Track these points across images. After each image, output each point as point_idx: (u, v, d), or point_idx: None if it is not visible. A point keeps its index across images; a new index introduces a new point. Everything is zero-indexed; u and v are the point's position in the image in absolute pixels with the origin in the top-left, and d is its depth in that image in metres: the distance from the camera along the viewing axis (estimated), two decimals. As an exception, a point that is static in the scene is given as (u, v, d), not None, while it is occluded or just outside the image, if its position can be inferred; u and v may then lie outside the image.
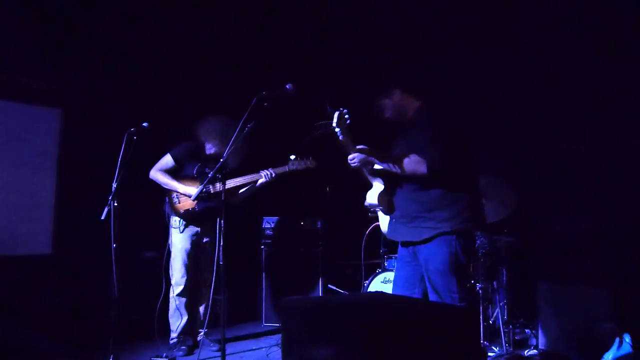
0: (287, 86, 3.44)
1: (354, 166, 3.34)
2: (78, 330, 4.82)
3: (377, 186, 3.53)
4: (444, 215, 3.19)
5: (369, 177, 3.55)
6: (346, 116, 3.16)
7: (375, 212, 3.75)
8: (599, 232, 4.50)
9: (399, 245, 3.52)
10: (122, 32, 5.65)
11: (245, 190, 4.73)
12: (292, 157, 4.46)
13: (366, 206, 3.65)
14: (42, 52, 5.37)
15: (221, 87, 5.94)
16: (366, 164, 3.35)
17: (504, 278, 4.72)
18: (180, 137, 4.80)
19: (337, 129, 3.18)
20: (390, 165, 3.26)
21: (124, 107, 5.47)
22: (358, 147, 3.26)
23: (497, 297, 4.68)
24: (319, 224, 5.72)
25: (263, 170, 4.53)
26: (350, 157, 3.32)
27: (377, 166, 3.39)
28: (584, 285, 4.10)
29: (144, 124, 4.16)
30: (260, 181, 4.58)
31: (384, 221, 3.60)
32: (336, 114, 3.15)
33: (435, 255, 3.20)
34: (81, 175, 5.40)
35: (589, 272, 4.20)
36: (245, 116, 3.38)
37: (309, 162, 4.50)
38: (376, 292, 4.68)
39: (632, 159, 4.38)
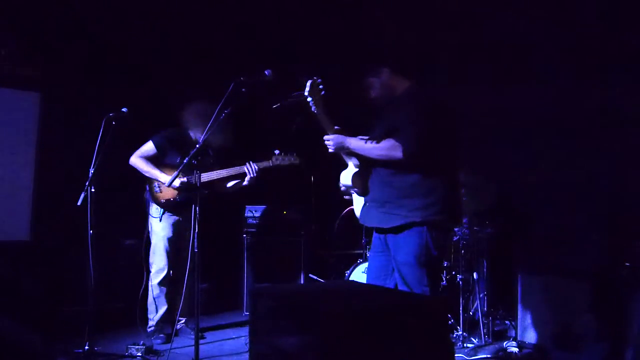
0: (266, 72, 3.36)
1: (330, 149, 3.26)
2: (56, 318, 4.78)
3: (352, 166, 3.42)
4: (416, 204, 3.07)
5: (344, 157, 3.43)
6: (320, 86, 3.01)
7: (350, 195, 3.64)
8: (579, 225, 4.50)
9: (374, 234, 3.42)
10: (102, 16, 5.56)
11: (234, 185, 4.62)
12: (277, 152, 4.35)
13: (340, 188, 3.55)
14: (20, 36, 5.28)
15: (203, 72, 5.86)
16: (342, 148, 3.25)
17: (485, 269, 4.72)
18: (160, 123, 4.73)
19: (309, 99, 3.04)
20: (366, 150, 3.15)
21: (104, 92, 5.39)
22: (336, 127, 3.17)
23: (477, 289, 4.69)
24: (302, 214, 5.69)
25: (246, 164, 4.41)
26: (326, 138, 3.22)
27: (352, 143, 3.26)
28: (564, 277, 4.11)
29: (123, 109, 4.10)
30: (246, 178, 4.45)
31: (358, 204, 3.50)
32: (309, 83, 3.01)
33: (404, 247, 3.10)
34: (60, 160, 5.33)
35: (569, 265, 4.19)
36: (222, 102, 3.31)
37: (292, 159, 4.35)
38: (347, 281, 4.65)
39: (615, 156, 4.37)
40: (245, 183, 4.51)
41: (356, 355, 1.86)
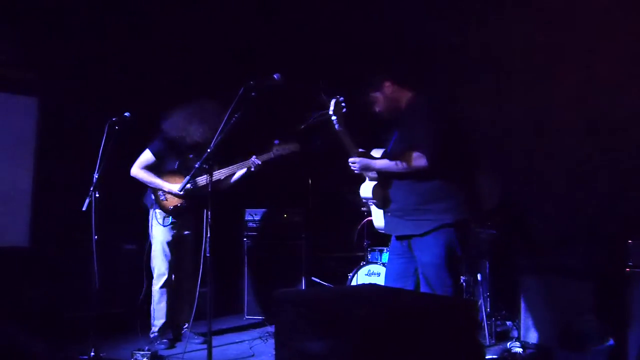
0: (275, 75, 3.37)
1: (355, 171, 3.32)
2: (58, 325, 4.72)
3: (369, 179, 3.46)
4: (445, 207, 3.15)
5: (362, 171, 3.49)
6: (342, 104, 3.09)
7: (368, 207, 3.68)
8: (580, 225, 4.54)
9: (392, 237, 3.48)
10: (100, 19, 5.52)
11: (239, 178, 4.62)
12: (276, 142, 4.37)
13: (361, 199, 3.59)
14: (17, 40, 5.23)
15: (204, 75, 5.84)
16: (366, 169, 3.31)
17: (487, 271, 4.74)
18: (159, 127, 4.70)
19: (333, 117, 3.10)
20: (391, 167, 3.21)
21: (103, 96, 5.35)
22: (360, 150, 3.21)
23: (480, 290, 4.71)
24: (301, 216, 5.67)
25: (248, 159, 4.44)
26: (351, 160, 3.29)
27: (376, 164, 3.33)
28: (566, 278, 4.13)
29: (125, 114, 4.08)
30: (250, 168, 4.48)
31: (377, 215, 3.53)
32: (333, 101, 3.06)
33: (432, 248, 3.16)
34: (59, 165, 5.29)
35: (571, 265, 4.22)
36: (232, 106, 3.31)
37: (292, 147, 4.39)
38: (369, 284, 4.64)
39: (615, 154, 4.41)
40: (246, 172, 4.53)
41: (386, 358, 1.86)
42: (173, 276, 4.60)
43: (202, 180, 4.43)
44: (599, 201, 4.44)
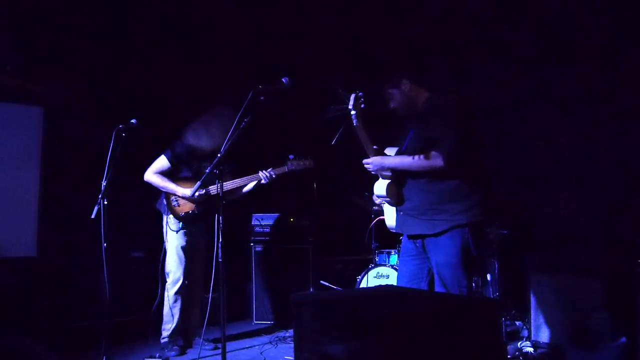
0: (284, 79, 3.38)
1: (370, 171, 3.31)
2: (68, 333, 4.71)
3: (384, 177, 3.44)
4: (459, 208, 3.12)
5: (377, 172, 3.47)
6: (361, 99, 3.09)
7: (380, 205, 3.65)
8: (590, 222, 4.54)
9: (404, 239, 3.47)
10: (104, 27, 5.53)
11: (249, 189, 4.63)
12: (291, 157, 4.37)
13: (373, 198, 3.56)
14: (22, 50, 5.23)
15: (210, 80, 5.84)
16: (381, 169, 3.30)
17: (496, 270, 4.74)
18: (169, 133, 4.70)
19: (352, 112, 3.10)
20: (406, 165, 3.20)
21: (107, 104, 5.35)
22: (375, 147, 3.21)
23: (490, 290, 4.71)
24: (308, 220, 5.67)
25: (262, 171, 4.44)
26: (365, 162, 3.29)
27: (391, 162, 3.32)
28: (576, 276, 4.13)
29: (132, 121, 4.08)
30: (260, 181, 4.48)
31: (389, 214, 3.52)
32: (352, 96, 3.07)
33: (447, 248, 3.14)
34: (65, 174, 5.28)
35: (580, 263, 4.22)
36: (241, 111, 3.31)
37: (307, 162, 4.40)
38: (387, 285, 4.62)
39: (623, 152, 4.42)
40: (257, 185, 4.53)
41: (413, 358, 1.86)
42: (187, 282, 4.59)
43: (214, 189, 4.44)
44: (608, 198, 4.44)
